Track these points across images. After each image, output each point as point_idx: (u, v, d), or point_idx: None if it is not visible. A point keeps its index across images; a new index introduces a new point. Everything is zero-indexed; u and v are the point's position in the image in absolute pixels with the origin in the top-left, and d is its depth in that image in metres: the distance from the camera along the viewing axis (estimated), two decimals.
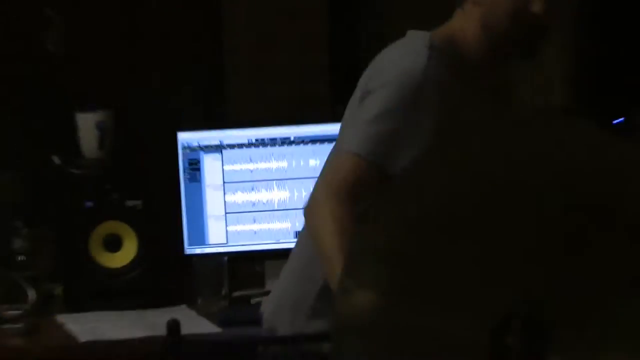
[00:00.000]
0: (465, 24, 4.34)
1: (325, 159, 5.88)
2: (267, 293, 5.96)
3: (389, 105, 4.19)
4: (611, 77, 7.48)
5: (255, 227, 6.20)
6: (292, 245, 5.80)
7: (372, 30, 8.64)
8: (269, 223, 6.22)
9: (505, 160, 2.73)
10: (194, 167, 6.13)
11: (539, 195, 2.66)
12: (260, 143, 6.22)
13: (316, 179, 4.53)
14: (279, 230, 6.25)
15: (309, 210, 4.24)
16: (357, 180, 4.11)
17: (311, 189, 4.46)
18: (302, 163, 6.31)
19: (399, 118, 4.17)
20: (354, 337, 2.74)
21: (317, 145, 6.31)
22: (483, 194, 2.69)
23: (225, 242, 6.18)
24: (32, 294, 4.15)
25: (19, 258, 3.77)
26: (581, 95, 7.47)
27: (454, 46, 4.37)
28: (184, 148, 6.16)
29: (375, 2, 8.68)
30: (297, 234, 6.14)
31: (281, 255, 5.92)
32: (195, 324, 5.72)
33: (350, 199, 4.06)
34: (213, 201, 6.18)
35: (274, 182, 6.21)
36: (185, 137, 6.19)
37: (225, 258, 6.22)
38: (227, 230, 6.17)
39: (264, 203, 6.21)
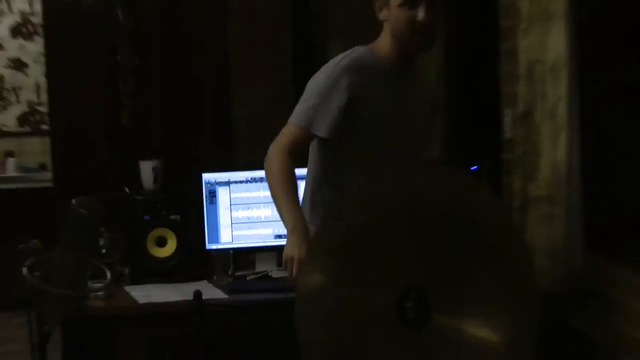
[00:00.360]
0: (384, 36, 4.97)
1: None
2: (257, 273, 6.71)
3: (314, 91, 4.88)
4: (468, 136, 7.96)
5: (250, 232, 6.65)
6: (273, 244, 6.67)
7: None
8: (258, 230, 6.64)
9: (404, 196, 3.52)
10: (212, 195, 6.61)
11: (419, 217, 3.46)
12: (253, 180, 6.65)
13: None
14: (264, 235, 6.67)
15: (267, 161, 4.78)
16: (294, 141, 4.79)
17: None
18: None
19: (319, 98, 4.77)
20: (309, 305, 3.27)
21: None
22: (388, 218, 3.48)
23: (231, 241, 6.64)
24: (109, 274, 4.52)
25: (103, 250, 4.11)
26: (449, 151, 7.93)
27: (372, 52, 5.00)
28: (206, 183, 6.63)
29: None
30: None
31: (266, 250, 6.77)
32: (211, 292, 6.22)
33: (290, 153, 4.70)
34: (224, 216, 6.63)
35: (262, 204, 6.59)
36: (207, 177, 6.67)
37: (231, 251, 6.70)
38: (232, 234, 6.63)
39: (255, 217, 6.64)
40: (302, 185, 5.51)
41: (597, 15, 5.64)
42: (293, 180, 4.59)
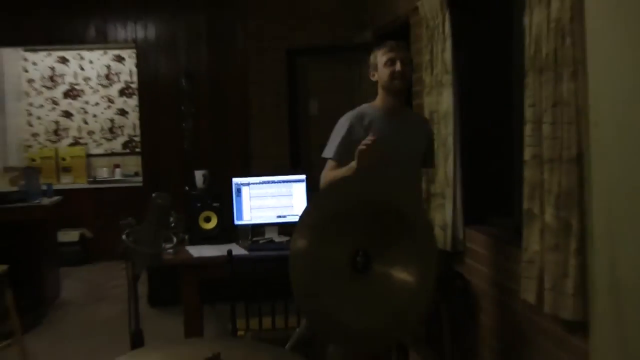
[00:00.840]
0: (378, 94, 4.96)
1: (284, 191, 6.59)
2: (266, 239, 6.54)
3: (333, 135, 4.94)
4: None
5: (261, 214, 6.52)
6: (276, 222, 6.57)
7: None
8: (266, 212, 6.52)
9: (356, 193, 3.47)
10: (238, 191, 6.47)
11: (366, 205, 3.41)
12: (263, 182, 6.50)
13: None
14: (270, 216, 6.53)
15: (322, 183, 4.70)
16: (327, 167, 4.81)
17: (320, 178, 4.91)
18: (283, 190, 6.51)
19: (342, 140, 4.81)
20: (297, 259, 3.11)
21: (286, 184, 6.57)
22: (346, 206, 3.43)
23: (250, 219, 6.51)
24: (175, 239, 4.36)
25: (171, 225, 4.01)
26: None
27: (370, 105, 4.99)
28: (235, 184, 6.50)
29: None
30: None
31: (271, 225, 6.61)
32: (238, 250, 6.05)
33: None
34: (245, 204, 6.48)
35: (269, 197, 6.49)
36: (235, 180, 6.53)
37: (250, 226, 6.56)
38: (251, 215, 6.50)
39: (264, 205, 6.53)
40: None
41: (469, 85, 5.67)
42: (335, 170, 4.69)
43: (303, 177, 6.66)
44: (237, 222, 6.62)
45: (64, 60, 12.29)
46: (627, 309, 3.41)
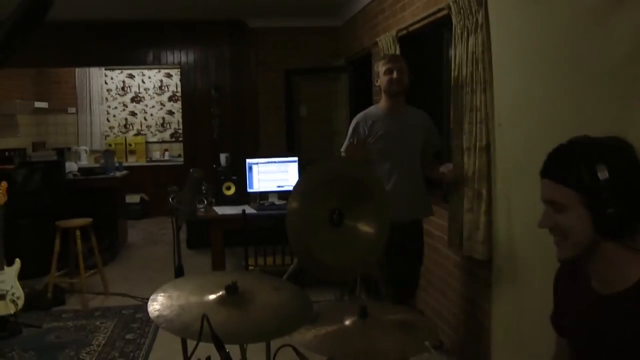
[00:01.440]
0: (382, 97, 4.43)
1: (282, 168, 6.48)
2: (270, 202, 6.42)
3: (348, 134, 4.42)
4: None
5: (266, 184, 6.41)
6: (276, 190, 6.46)
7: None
8: (269, 184, 6.40)
9: (334, 169, 3.37)
10: (250, 168, 6.32)
11: (341, 178, 3.35)
12: (268, 162, 6.36)
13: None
14: (272, 185, 6.43)
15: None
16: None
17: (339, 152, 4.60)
18: (281, 167, 6.37)
19: (349, 137, 4.37)
20: (291, 216, 2.97)
21: (283, 163, 6.44)
22: (326, 178, 3.36)
23: (259, 188, 6.38)
24: (205, 202, 4.35)
25: (203, 191, 4.05)
26: None
27: (375, 107, 4.48)
28: (248, 163, 6.37)
29: None
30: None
31: (273, 192, 6.49)
32: (250, 210, 5.98)
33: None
34: (255, 177, 6.34)
35: (271, 172, 6.37)
36: (248, 160, 6.41)
37: (259, 193, 6.42)
38: (259, 185, 6.39)
39: (269, 178, 6.39)
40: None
41: (413, 97, 5.59)
42: None
43: (295, 158, 6.62)
44: (249, 190, 6.52)
45: (131, 76, 12.31)
46: (518, 251, 3.52)
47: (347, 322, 2.31)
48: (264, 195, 6.59)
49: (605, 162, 1.60)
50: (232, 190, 6.65)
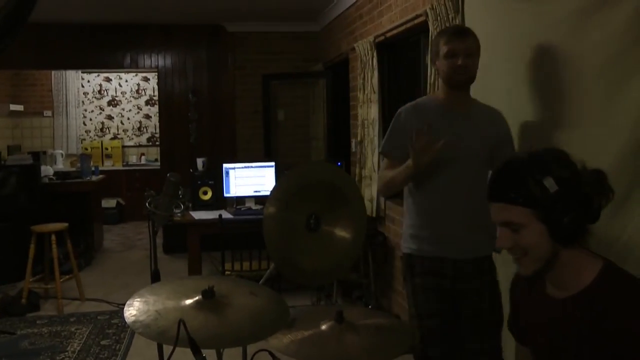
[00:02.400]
0: (440, 86, 3.19)
1: (259, 173, 6.51)
2: (246, 207, 6.46)
3: (390, 128, 3.14)
4: (337, 150, 7.91)
5: (243, 189, 6.42)
6: (252, 195, 6.46)
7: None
8: (246, 188, 6.42)
9: (310, 174, 3.35)
10: (227, 173, 6.34)
11: (317, 183, 3.34)
12: (245, 167, 6.35)
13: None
14: (249, 190, 6.44)
15: (379, 184, 3.30)
16: (384, 164, 3.16)
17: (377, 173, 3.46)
18: (258, 172, 6.42)
19: (389, 132, 3.14)
20: (268, 220, 2.97)
21: (260, 168, 6.51)
22: (303, 183, 3.35)
23: (235, 193, 6.41)
24: (182, 206, 4.35)
25: (180, 196, 4.03)
26: (329, 157, 7.88)
27: (431, 97, 3.35)
28: (225, 168, 6.41)
29: None
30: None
31: (249, 197, 6.52)
32: (226, 214, 6.05)
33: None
34: (232, 182, 6.37)
35: (247, 177, 6.41)
36: (225, 165, 6.44)
37: (235, 197, 6.47)
38: (236, 190, 6.41)
39: (245, 183, 6.39)
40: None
41: (389, 101, 5.62)
42: (391, 170, 3.07)
43: (272, 163, 6.68)
44: (226, 195, 6.55)
45: (108, 80, 12.29)
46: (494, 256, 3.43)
47: (323, 327, 2.30)
48: (240, 200, 6.59)
49: (550, 174, 1.67)
50: (209, 195, 6.66)
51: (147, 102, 12.40)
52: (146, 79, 12.30)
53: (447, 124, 2.99)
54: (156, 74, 9.63)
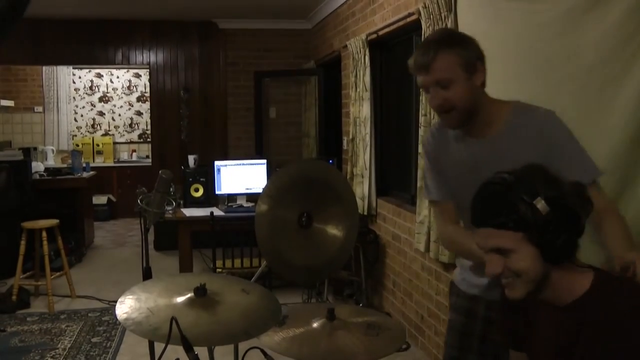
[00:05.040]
0: None
1: (250, 171, 6.50)
2: (237, 204, 6.44)
3: (427, 171, 2.55)
4: (328, 148, 7.93)
5: (234, 187, 6.41)
6: (244, 192, 6.44)
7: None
8: (237, 186, 6.41)
9: (302, 172, 3.39)
10: (219, 170, 6.31)
11: (309, 181, 3.36)
12: (237, 165, 6.34)
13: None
14: (241, 187, 6.44)
15: (442, 241, 3.07)
16: (439, 214, 2.52)
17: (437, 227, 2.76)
18: (250, 170, 6.43)
19: (432, 176, 2.50)
20: (260, 218, 2.98)
21: (252, 166, 6.52)
22: (295, 181, 3.37)
23: (226, 190, 6.41)
24: (174, 203, 4.34)
25: (172, 193, 4.02)
26: (320, 154, 7.86)
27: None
28: (216, 165, 6.39)
29: None
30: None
31: (241, 194, 6.51)
32: (218, 212, 6.01)
33: (445, 223, 2.43)
34: (224, 180, 6.34)
35: (240, 175, 6.38)
36: (217, 163, 6.43)
37: (226, 194, 6.45)
38: (228, 186, 6.40)
39: (237, 181, 6.38)
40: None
41: (381, 99, 5.62)
42: (460, 233, 2.39)
43: (264, 161, 6.68)
44: (217, 192, 6.55)
45: (99, 75, 12.23)
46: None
47: (315, 325, 2.33)
48: (232, 197, 6.60)
49: (539, 195, 1.60)
50: (201, 192, 6.66)
51: (138, 99, 12.36)
52: (138, 76, 12.27)
53: (466, 150, 2.35)
54: (148, 70, 9.62)
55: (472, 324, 2.50)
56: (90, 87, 12.25)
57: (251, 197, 6.49)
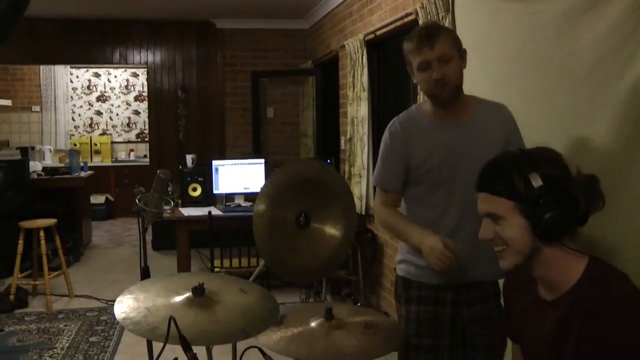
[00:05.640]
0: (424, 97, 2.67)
1: (248, 170, 6.50)
2: (235, 204, 6.46)
3: (380, 158, 2.78)
4: (326, 148, 7.92)
5: (232, 186, 6.40)
6: (242, 192, 6.46)
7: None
8: (235, 185, 6.41)
9: (299, 171, 3.35)
10: (216, 170, 6.31)
11: (306, 181, 3.35)
12: (234, 164, 6.34)
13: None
14: (239, 187, 6.44)
15: (375, 217, 3.00)
16: (380, 197, 2.77)
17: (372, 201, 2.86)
18: (247, 170, 6.41)
19: (380, 162, 2.78)
20: (258, 218, 2.98)
21: (250, 165, 6.53)
22: (293, 181, 3.32)
23: (224, 190, 6.42)
24: (172, 203, 4.33)
25: (170, 192, 4.01)
26: (319, 154, 7.88)
27: (418, 108, 2.68)
28: (214, 165, 6.39)
29: None
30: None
31: (239, 194, 6.54)
32: (216, 211, 5.97)
33: (384, 206, 2.73)
34: (222, 179, 6.35)
35: (237, 176, 6.42)
36: (215, 162, 6.44)
37: (224, 194, 6.45)
38: (225, 186, 6.40)
39: (235, 181, 6.39)
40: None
41: (378, 99, 5.62)
42: (397, 216, 2.72)
43: (262, 161, 6.69)
44: (215, 192, 6.56)
45: (97, 75, 12.25)
46: None
47: (312, 324, 2.34)
48: (229, 197, 6.60)
49: (536, 170, 1.69)
50: (198, 192, 6.67)
51: (136, 98, 12.37)
52: (135, 75, 12.27)
53: (445, 137, 2.60)
54: (145, 69, 9.61)
55: (442, 311, 2.62)
56: (88, 87, 12.25)
57: (249, 196, 6.50)
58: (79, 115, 12.27)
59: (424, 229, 2.57)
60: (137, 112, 12.39)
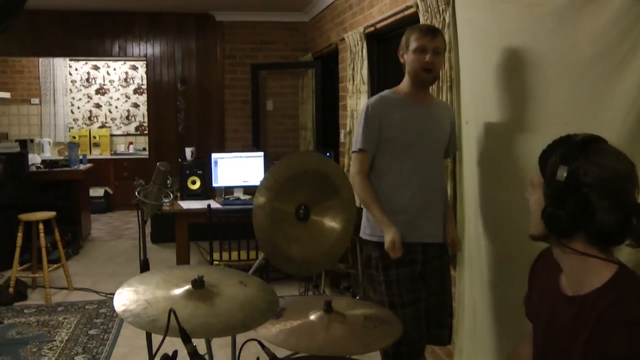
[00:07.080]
0: (404, 80, 3.29)
1: (247, 163, 6.53)
2: (234, 196, 6.49)
3: (358, 125, 3.28)
4: (326, 141, 7.91)
5: (231, 179, 6.44)
6: (241, 185, 6.50)
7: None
8: (234, 178, 6.45)
9: (299, 164, 3.29)
10: (215, 163, 6.35)
11: (306, 173, 3.35)
12: (234, 157, 6.37)
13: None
14: (238, 180, 6.47)
15: (352, 182, 3.24)
16: (358, 163, 3.29)
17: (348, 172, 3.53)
18: (247, 162, 6.46)
19: (361, 128, 3.25)
20: (258, 210, 3.01)
21: (249, 158, 6.57)
22: (293, 173, 3.32)
23: (223, 183, 6.45)
24: (171, 196, 4.31)
25: (169, 185, 4.05)
26: (318, 147, 7.87)
27: (394, 91, 3.33)
28: (213, 158, 6.43)
29: None
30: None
31: (238, 187, 6.57)
32: (214, 204, 6.00)
33: (361, 173, 3.27)
34: (221, 172, 6.38)
35: (237, 169, 6.45)
36: (214, 155, 6.47)
37: (223, 187, 6.50)
38: (225, 179, 6.42)
39: (234, 173, 6.41)
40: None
41: (378, 92, 5.59)
42: (369, 194, 3.28)
43: (261, 154, 6.69)
44: (214, 185, 6.57)
45: (96, 68, 12.25)
46: (484, 246, 3.45)
47: (312, 317, 2.34)
48: (229, 189, 6.60)
49: (571, 165, 1.69)
50: (198, 185, 6.67)
51: (135, 91, 12.37)
52: (134, 68, 12.27)
53: (415, 113, 3.30)
54: (144, 62, 9.58)
55: (415, 268, 3.25)
56: (87, 79, 12.25)
57: (248, 189, 6.53)
58: (78, 107, 12.27)
59: (388, 217, 3.19)
60: (136, 105, 12.40)
